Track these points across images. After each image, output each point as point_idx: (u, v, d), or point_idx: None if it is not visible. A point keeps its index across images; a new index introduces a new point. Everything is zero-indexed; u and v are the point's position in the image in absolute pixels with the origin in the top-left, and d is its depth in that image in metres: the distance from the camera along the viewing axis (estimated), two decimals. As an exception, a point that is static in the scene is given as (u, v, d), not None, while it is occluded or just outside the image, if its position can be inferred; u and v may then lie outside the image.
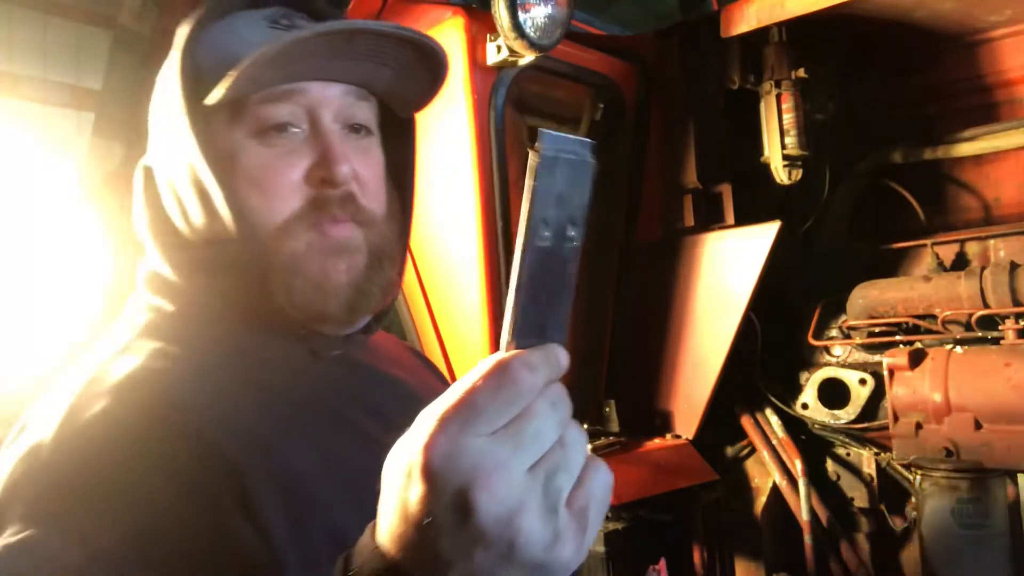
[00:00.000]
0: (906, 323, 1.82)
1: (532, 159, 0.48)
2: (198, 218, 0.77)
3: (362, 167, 0.79)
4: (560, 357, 0.48)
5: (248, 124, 0.76)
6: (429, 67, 0.81)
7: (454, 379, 0.51)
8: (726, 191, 2.02)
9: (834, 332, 1.99)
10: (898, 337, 1.85)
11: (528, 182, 0.49)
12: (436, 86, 0.83)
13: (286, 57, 0.72)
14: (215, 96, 0.73)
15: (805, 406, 1.97)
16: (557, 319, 0.50)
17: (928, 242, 1.91)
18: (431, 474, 0.43)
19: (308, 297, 0.75)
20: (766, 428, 2.00)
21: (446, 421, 0.44)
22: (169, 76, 0.77)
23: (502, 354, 0.47)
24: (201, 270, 0.78)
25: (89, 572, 0.58)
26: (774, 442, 1.98)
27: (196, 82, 0.76)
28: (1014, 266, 1.69)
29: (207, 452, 0.65)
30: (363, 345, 0.87)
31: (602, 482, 0.48)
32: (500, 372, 0.45)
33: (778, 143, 1.95)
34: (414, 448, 0.45)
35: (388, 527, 0.47)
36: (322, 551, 0.65)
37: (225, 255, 0.76)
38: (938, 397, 1.66)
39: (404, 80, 0.82)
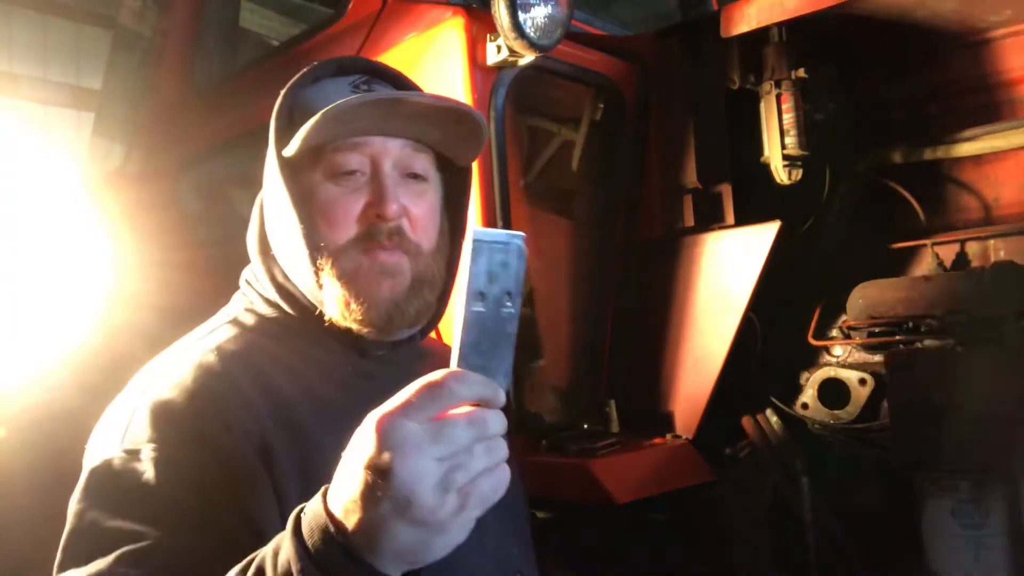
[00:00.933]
0: (906, 323, 1.82)
1: (466, 247, 0.67)
2: (286, 236, 0.99)
3: (414, 207, 1.00)
4: (495, 390, 0.67)
5: (324, 168, 0.98)
6: (469, 129, 1.01)
7: None
8: (726, 191, 2.01)
9: (834, 332, 1.99)
10: (898, 337, 1.85)
11: (465, 263, 0.67)
12: (478, 143, 1.04)
13: (348, 116, 0.94)
14: (292, 148, 0.96)
15: (805, 406, 1.97)
16: (500, 364, 0.68)
17: (928, 242, 1.91)
18: (376, 438, 0.63)
19: (358, 304, 0.95)
20: (766, 428, 2.00)
21: (396, 406, 0.64)
22: (270, 129, 1.00)
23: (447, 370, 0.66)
24: (284, 280, 1.03)
25: (218, 555, 0.74)
26: (774, 442, 1.98)
27: (290, 134, 0.96)
28: (1014, 266, 1.69)
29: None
30: (417, 353, 1.09)
31: (491, 485, 0.66)
32: (437, 379, 0.64)
33: (778, 143, 1.94)
34: (372, 418, 0.64)
35: (338, 476, 0.67)
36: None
37: (300, 267, 0.98)
38: (938, 397, 1.66)
39: (451, 137, 1.03)
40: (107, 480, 0.83)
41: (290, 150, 0.96)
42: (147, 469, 0.82)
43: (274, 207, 1.00)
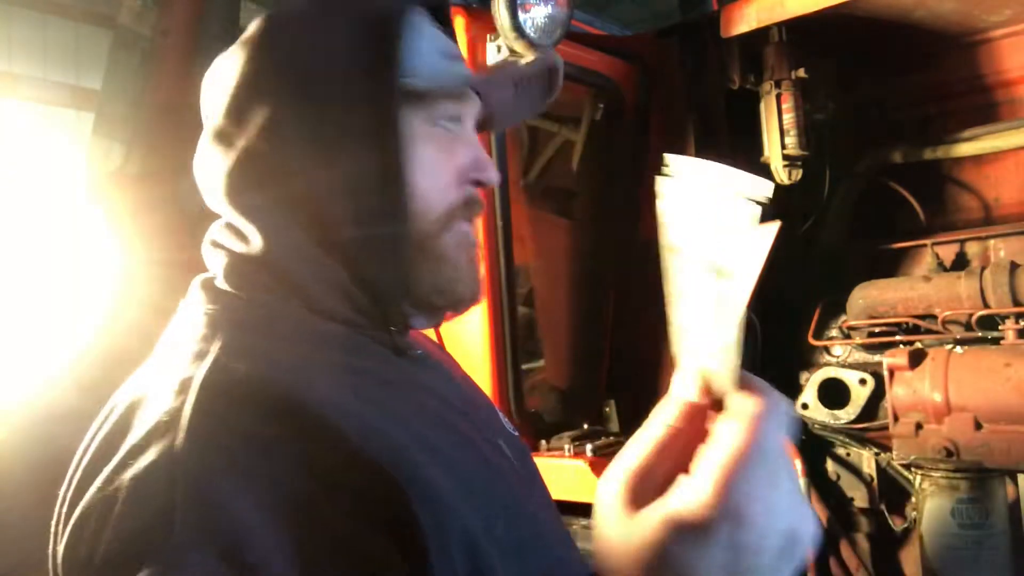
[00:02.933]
0: (906, 323, 1.82)
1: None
2: (365, 208, 0.73)
3: None
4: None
5: (425, 112, 0.78)
6: (548, 93, 0.91)
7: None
8: (726, 191, 2.01)
9: (834, 332, 1.99)
10: (898, 337, 1.85)
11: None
12: (542, 108, 0.94)
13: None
14: (438, 82, 0.78)
15: (805, 406, 1.97)
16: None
17: (928, 242, 1.91)
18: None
19: (453, 285, 0.80)
20: (766, 428, 2.00)
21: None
22: (371, 58, 0.74)
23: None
24: (337, 267, 0.75)
25: None
26: (774, 442, 1.97)
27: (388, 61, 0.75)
28: (1014, 266, 1.69)
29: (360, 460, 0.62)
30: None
31: None
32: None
33: (778, 143, 1.94)
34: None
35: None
36: (457, 556, 0.62)
37: (389, 243, 0.74)
38: (938, 397, 1.66)
39: (520, 101, 0.92)
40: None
41: (426, 81, 0.77)
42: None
43: (355, 154, 0.73)
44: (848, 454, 1.97)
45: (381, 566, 0.58)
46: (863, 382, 1.88)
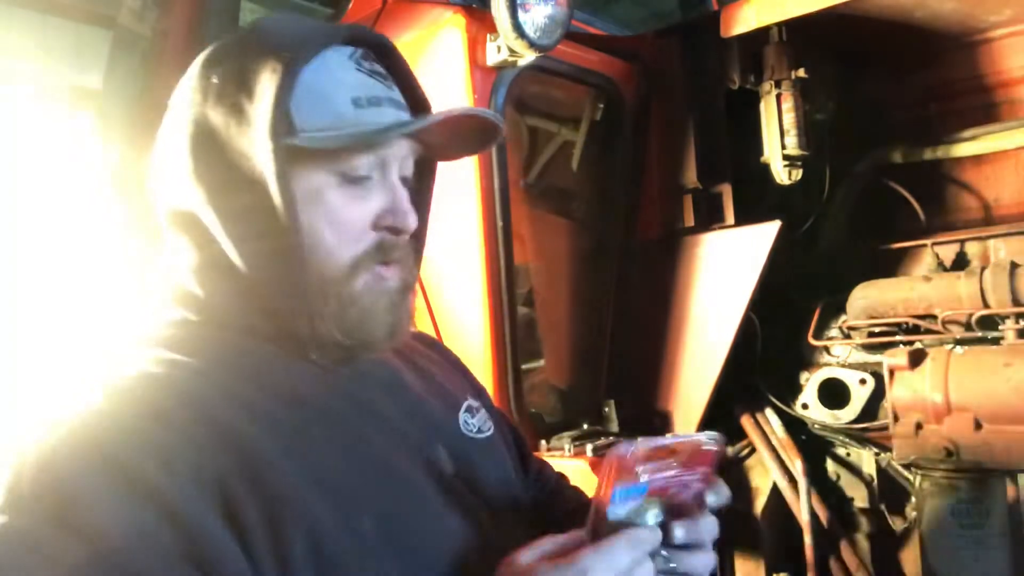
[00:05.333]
0: (906, 323, 1.82)
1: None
2: (264, 250, 0.80)
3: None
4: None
5: (333, 166, 0.82)
6: (486, 139, 0.94)
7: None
8: (726, 191, 2.01)
9: (834, 332, 1.99)
10: (898, 337, 1.85)
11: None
12: (484, 150, 0.99)
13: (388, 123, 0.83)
14: (323, 143, 0.80)
15: (805, 406, 1.97)
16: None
17: (928, 242, 1.91)
18: None
19: (362, 327, 0.84)
20: (766, 428, 2.00)
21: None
22: (257, 112, 0.79)
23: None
24: (250, 294, 0.83)
25: (90, 570, 0.61)
26: (774, 442, 1.97)
27: (288, 120, 0.80)
28: (1014, 266, 1.69)
29: (205, 455, 0.70)
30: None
31: None
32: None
33: (778, 143, 1.94)
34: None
35: None
36: (299, 543, 0.71)
37: (288, 285, 0.81)
38: (938, 397, 1.66)
39: (455, 144, 0.94)
40: (25, 552, 0.62)
41: (311, 142, 0.80)
42: (79, 528, 0.62)
43: (250, 204, 0.79)
44: (848, 454, 1.97)
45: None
46: (863, 382, 1.88)
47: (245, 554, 0.67)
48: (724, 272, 1.91)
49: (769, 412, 2.02)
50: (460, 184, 1.73)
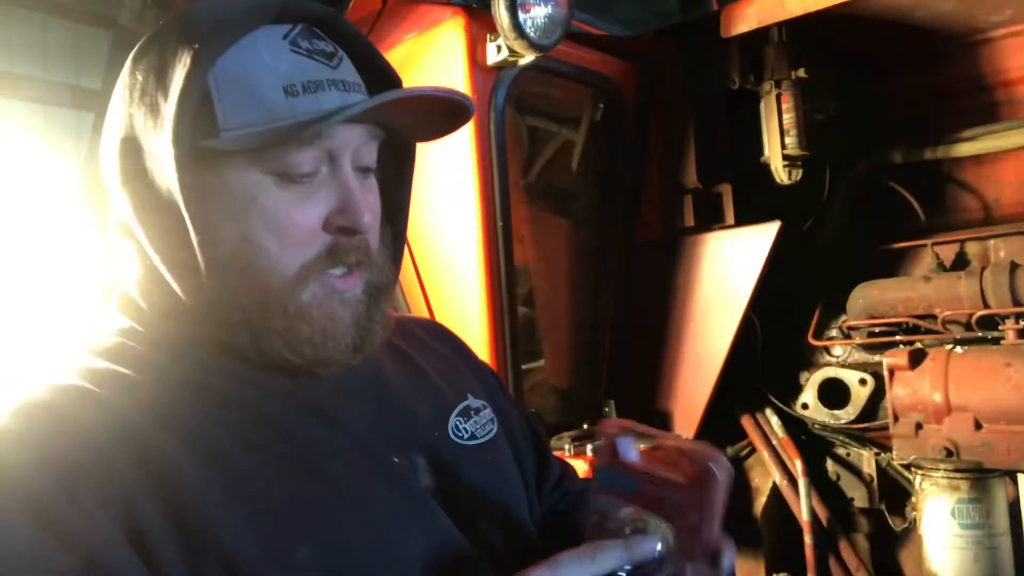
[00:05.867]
0: (906, 323, 1.82)
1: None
2: (190, 266, 0.71)
3: (371, 207, 0.78)
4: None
5: (268, 165, 0.72)
6: (453, 117, 0.81)
7: None
8: (726, 191, 2.02)
9: (834, 332, 1.99)
10: (898, 337, 1.85)
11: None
12: (453, 129, 0.83)
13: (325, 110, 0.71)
14: (233, 142, 0.71)
15: (805, 406, 1.97)
16: None
17: (928, 242, 1.91)
18: None
19: (314, 344, 0.74)
20: (766, 428, 2.00)
21: None
22: (166, 113, 0.70)
23: None
24: (189, 310, 0.74)
25: None
26: (774, 442, 1.98)
27: (205, 112, 0.71)
28: (1014, 266, 1.69)
29: (111, 479, 0.64)
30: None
31: None
32: None
33: (778, 143, 1.95)
34: None
35: None
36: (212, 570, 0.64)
37: (225, 301, 0.73)
38: (938, 397, 1.66)
39: (423, 122, 0.82)
40: None
41: (228, 143, 0.71)
42: None
43: (172, 212, 0.71)
44: (848, 454, 1.97)
45: None
46: (863, 382, 1.88)
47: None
48: (724, 272, 1.91)
49: (769, 412, 2.02)
50: (460, 184, 1.73)
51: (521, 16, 1.55)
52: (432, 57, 1.78)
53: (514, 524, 0.86)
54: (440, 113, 0.80)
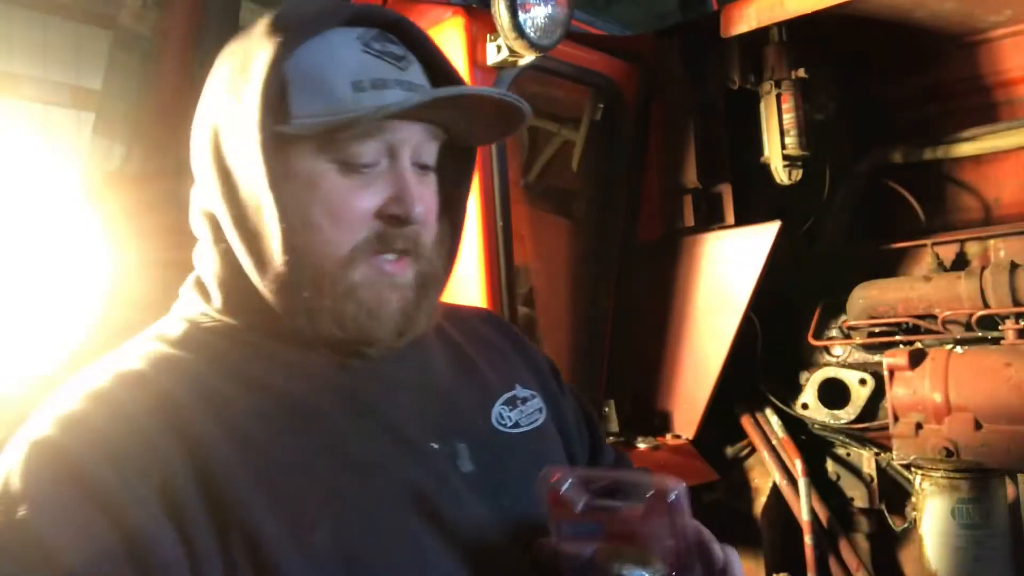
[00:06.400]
0: (906, 323, 1.82)
1: None
2: (263, 246, 0.78)
3: (424, 201, 0.83)
4: None
5: (333, 154, 0.78)
6: (509, 119, 0.87)
7: None
8: (726, 191, 2.02)
9: (834, 332, 1.99)
10: (898, 337, 1.85)
11: None
12: (509, 133, 0.91)
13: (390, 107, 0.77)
14: (305, 127, 0.77)
15: (805, 406, 1.97)
16: None
17: (928, 242, 1.91)
18: None
19: (360, 322, 0.80)
20: (766, 428, 2.00)
21: None
22: (248, 98, 0.77)
23: None
24: (256, 292, 0.81)
25: (83, 569, 0.64)
26: (774, 442, 1.98)
27: (281, 100, 0.78)
28: (1014, 266, 1.69)
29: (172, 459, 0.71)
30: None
31: None
32: None
33: (778, 143, 1.95)
34: None
35: None
36: (237, 543, 0.70)
37: (286, 279, 0.78)
38: (938, 397, 1.66)
39: (479, 124, 0.88)
40: None
41: (297, 128, 0.78)
42: (25, 527, 0.65)
43: (252, 193, 0.78)
44: (848, 454, 1.97)
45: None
46: (863, 382, 1.88)
47: (189, 553, 0.68)
48: (724, 272, 1.91)
49: (769, 412, 2.02)
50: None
51: (521, 16, 1.55)
52: (432, 57, 1.78)
53: None
54: (496, 115, 0.86)
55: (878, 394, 1.85)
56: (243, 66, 0.79)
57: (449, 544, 0.77)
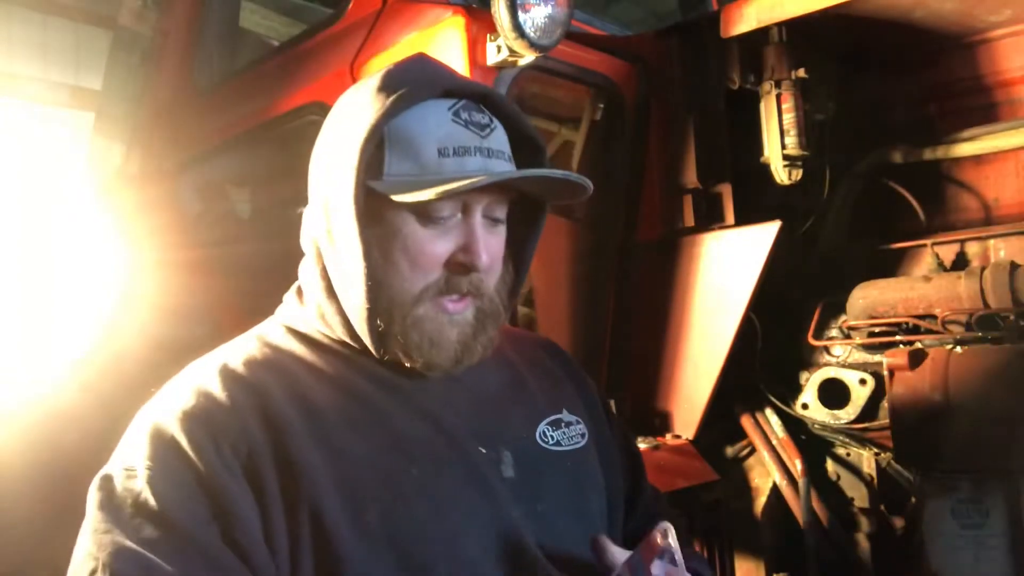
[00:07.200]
0: (906, 323, 1.82)
1: None
2: (349, 275, 0.93)
3: (490, 251, 0.96)
4: None
5: (415, 208, 0.91)
6: (575, 192, 1.00)
7: None
8: (726, 191, 2.01)
9: (834, 332, 1.99)
10: (898, 337, 1.85)
11: None
12: (575, 200, 1.04)
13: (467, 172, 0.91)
14: (395, 189, 0.90)
15: (805, 406, 1.97)
16: None
17: (928, 242, 1.91)
18: None
19: (423, 350, 0.93)
20: (766, 428, 2.00)
21: None
22: (349, 151, 0.90)
23: None
24: (341, 312, 0.97)
25: (140, 519, 0.80)
26: (774, 442, 1.98)
27: (378, 156, 0.91)
28: (1014, 266, 1.69)
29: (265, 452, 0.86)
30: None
31: None
32: None
33: (778, 143, 1.95)
34: None
35: None
36: (304, 522, 0.85)
37: (369, 306, 0.92)
38: (938, 397, 1.66)
39: (548, 193, 1.03)
40: (106, 496, 0.84)
41: (386, 186, 0.91)
42: (142, 488, 0.82)
43: (344, 230, 0.92)
44: (848, 454, 1.97)
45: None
46: (863, 382, 1.88)
47: (263, 517, 0.83)
48: (724, 272, 1.91)
49: (769, 412, 2.02)
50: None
51: (521, 16, 1.55)
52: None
53: (588, 523, 1.01)
54: (564, 183, 0.98)
55: (878, 394, 1.85)
56: (354, 115, 0.93)
57: (483, 538, 0.89)
